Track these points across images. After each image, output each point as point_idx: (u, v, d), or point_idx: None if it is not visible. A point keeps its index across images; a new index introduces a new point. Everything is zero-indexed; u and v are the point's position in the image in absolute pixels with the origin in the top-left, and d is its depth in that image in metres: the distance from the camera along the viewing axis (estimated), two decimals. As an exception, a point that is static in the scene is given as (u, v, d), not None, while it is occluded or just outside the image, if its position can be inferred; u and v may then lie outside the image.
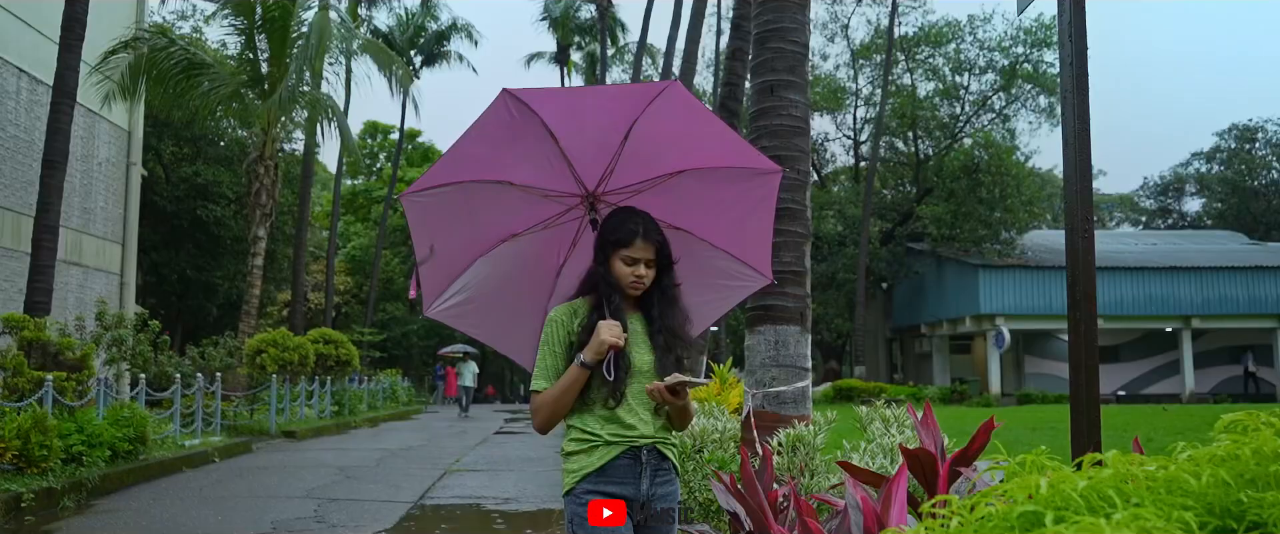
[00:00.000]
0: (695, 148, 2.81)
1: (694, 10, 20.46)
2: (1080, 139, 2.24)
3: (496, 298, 3.05)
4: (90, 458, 9.06)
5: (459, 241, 2.97)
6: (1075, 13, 2.27)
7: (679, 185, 2.85)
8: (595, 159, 2.76)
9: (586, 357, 2.51)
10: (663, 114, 2.64)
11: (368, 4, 37.95)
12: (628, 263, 2.59)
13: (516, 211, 2.90)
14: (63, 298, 17.35)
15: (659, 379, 2.56)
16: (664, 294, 2.65)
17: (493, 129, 2.66)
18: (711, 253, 2.99)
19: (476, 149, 2.73)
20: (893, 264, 36.86)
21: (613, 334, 2.48)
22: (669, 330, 2.63)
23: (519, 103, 2.61)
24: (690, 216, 2.90)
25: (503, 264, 2.99)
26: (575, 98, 2.92)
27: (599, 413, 2.57)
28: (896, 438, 4.34)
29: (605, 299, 2.60)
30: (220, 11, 20.02)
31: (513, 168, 2.79)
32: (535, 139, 2.68)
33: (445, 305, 3.03)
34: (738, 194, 2.90)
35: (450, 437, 17.23)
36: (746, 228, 2.99)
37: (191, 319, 29.96)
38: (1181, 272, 32.22)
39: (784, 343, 5.67)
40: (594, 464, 2.53)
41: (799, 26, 5.80)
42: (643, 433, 2.55)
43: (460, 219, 2.91)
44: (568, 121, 2.68)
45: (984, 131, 36.99)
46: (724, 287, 3.10)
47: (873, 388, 28.79)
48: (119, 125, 19.78)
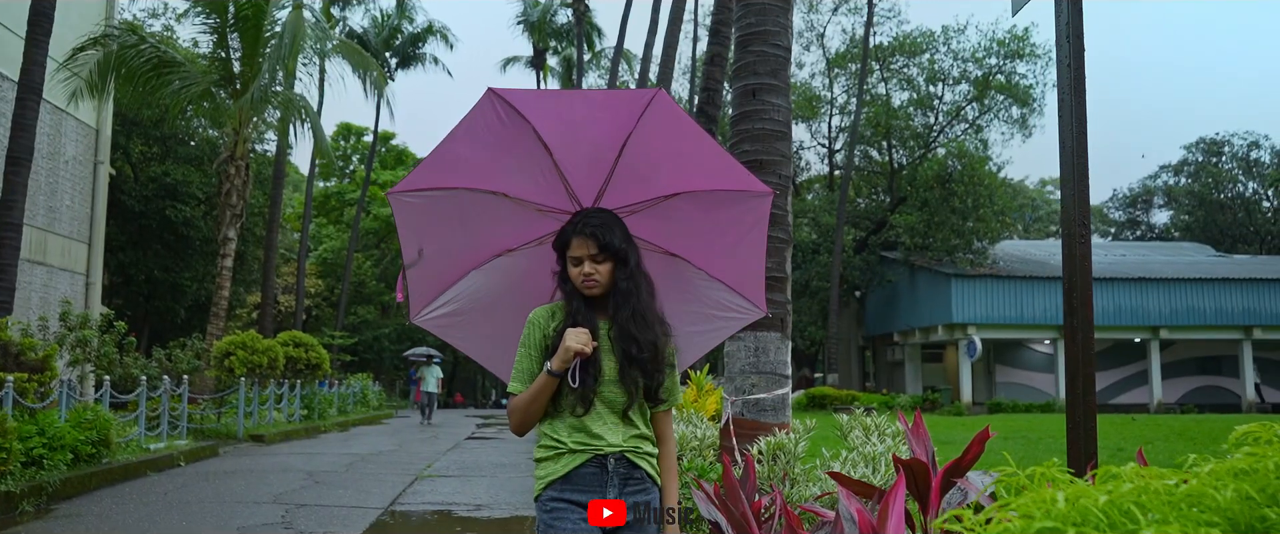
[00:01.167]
0: (689, 168, 2.74)
1: (671, 16, 20.46)
2: (1078, 142, 2.18)
3: (487, 313, 2.97)
4: (51, 461, 8.84)
5: (451, 250, 2.88)
6: (1073, 14, 2.22)
7: (674, 209, 2.78)
8: (589, 175, 2.69)
9: (553, 364, 2.46)
10: (654, 128, 2.57)
11: (342, 5, 37.69)
12: (574, 263, 2.55)
13: (511, 225, 2.83)
14: (26, 297, 17.01)
15: (619, 391, 2.50)
16: (617, 290, 2.54)
17: (482, 132, 2.58)
18: (707, 283, 2.92)
19: (466, 152, 2.65)
20: (866, 272, 37.03)
21: (578, 342, 2.42)
22: (622, 330, 2.52)
23: (506, 105, 2.53)
24: (685, 243, 2.83)
25: (496, 279, 2.92)
26: (564, 104, 2.82)
27: (567, 420, 2.52)
28: (878, 447, 4.29)
29: (568, 304, 2.55)
30: (192, 9, 19.75)
31: (507, 179, 2.71)
32: (528, 149, 2.60)
33: (433, 314, 2.96)
34: (732, 219, 2.84)
35: (422, 442, 17.05)
36: (741, 256, 2.93)
37: (159, 321, 29.52)
38: (1150, 283, 32.61)
39: (764, 349, 5.61)
40: (559, 471, 2.49)
41: (781, 30, 5.76)
42: (609, 442, 2.49)
43: (452, 226, 2.83)
44: (560, 132, 2.60)
45: (957, 141, 37.28)
46: (717, 318, 3.03)
47: (846, 396, 28.87)
48: (87, 123, 19.45)
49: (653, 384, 2.54)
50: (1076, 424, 2.15)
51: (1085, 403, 2.17)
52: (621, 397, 2.52)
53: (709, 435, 5.94)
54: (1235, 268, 34.76)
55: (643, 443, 2.55)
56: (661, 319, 2.63)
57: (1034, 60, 37.19)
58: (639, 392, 2.52)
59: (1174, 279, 32.83)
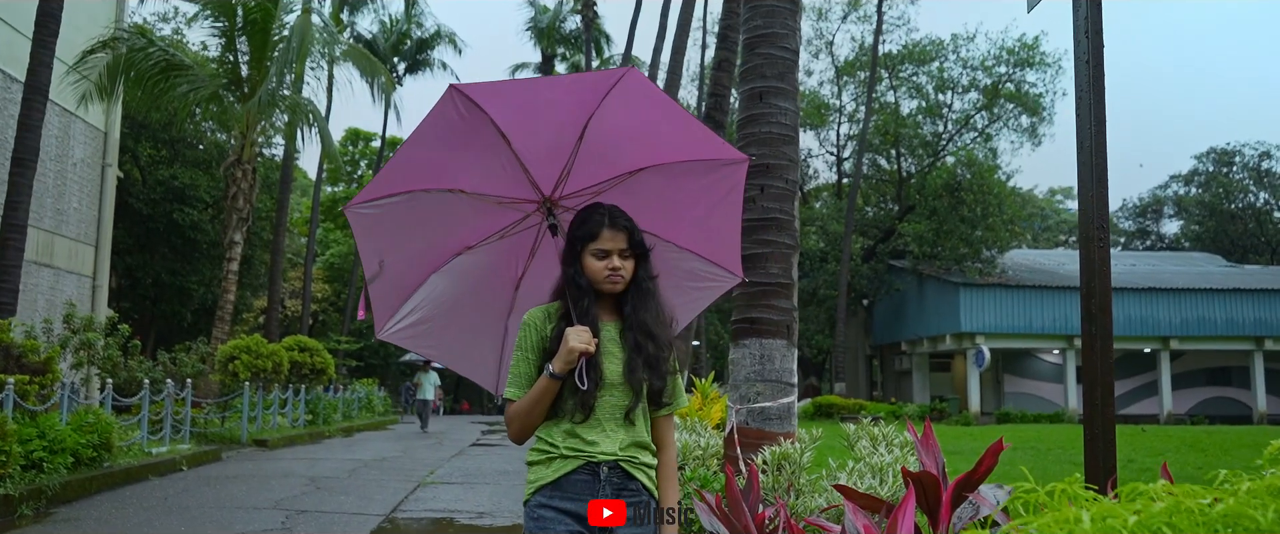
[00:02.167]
0: (656, 141, 2.62)
1: (679, 23, 20.41)
2: (1097, 142, 2.08)
3: (453, 315, 2.87)
4: (51, 464, 8.77)
5: (410, 256, 2.78)
6: (1092, 8, 2.12)
7: (640, 183, 2.67)
8: (550, 161, 2.59)
9: (555, 367, 2.34)
10: (620, 106, 2.46)
11: (351, 9, 37.73)
12: (599, 256, 2.42)
13: (469, 222, 2.72)
14: (32, 300, 17.00)
15: (626, 382, 2.40)
16: (639, 288, 2.45)
17: (441, 131, 2.48)
18: (677, 255, 2.81)
19: (423, 154, 2.55)
20: (874, 281, 36.88)
21: (581, 341, 2.30)
22: (641, 327, 2.42)
23: (467, 100, 2.42)
24: (652, 217, 2.70)
25: (458, 279, 2.81)
26: (527, 91, 2.70)
27: (564, 425, 2.41)
28: (885, 457, 4.19)
29: (573, 304, 2.42)
30: (202, 13, 19.76)
31: (463, 174, 2.60)
32: (486, 142, 2.50)
33: (399, 326, 2.85)
34: (703, 188, 2.72)
35: (426, 448, 16.96)
36: (713, 224, 2.81)
37: (165, 324, 29.52)
38: (1160, 293, 32.38)
39: (769, 357, 5.52)
40: (549, 477, 2.39)
41: (789, 32, 5.67)
42: (604, 450, 2.38)
43: (409, 232, 2.73)
44: (520, 121, 2.49)
45: (966, 150, 37.14)
46: (693, 289, 2.91)
47: (853, 405, 28.71)
48: (95, 126, 19.47)
49: (660, 385, 2.44)
50: (1095, 436, 2.04)
51: (1104, 414, 2.07)
52: (625, 399, 2.41)
53: (713, 444, 5.84)
54: (1246, 278, 34.51)
55: (640, 452, 2.44)
56: (669, 314, 2.54)
57: (1044, 69, 37.06)
58: (644, 393, 2.42)
59: (1184, 289, 32.61)
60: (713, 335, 37.66)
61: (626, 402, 2.41)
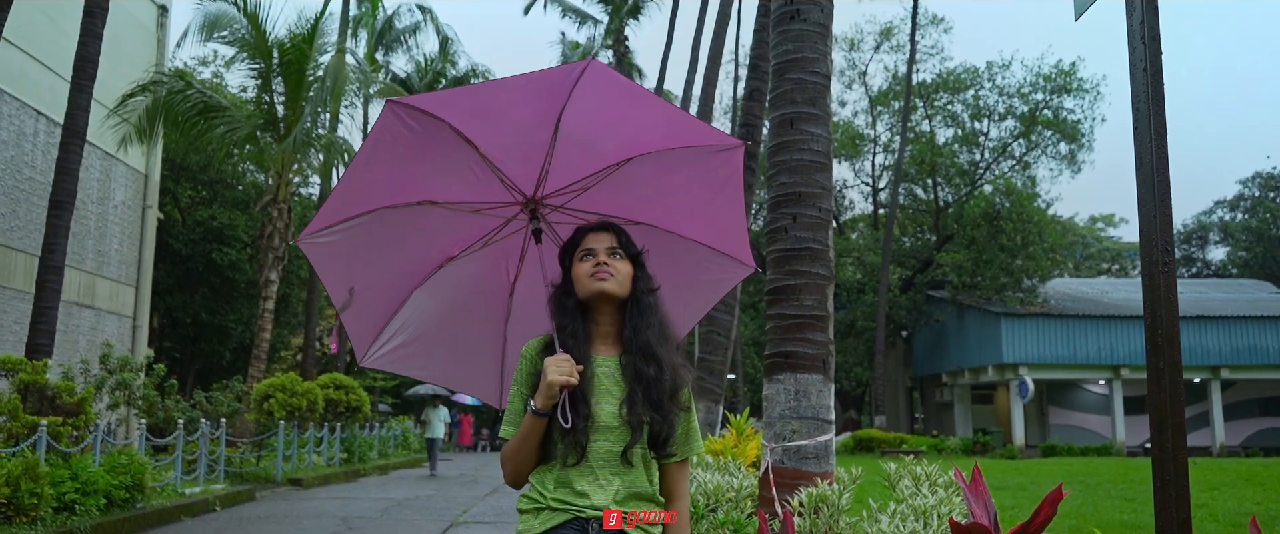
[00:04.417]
0: (640, 130, 2.40)
1: (710, 55, 20.35)
2: (1157, 157, 1.89)
3: (443, 331, 2.68)
4: (83, 506, 8.74)
5: (385, 277, 2.60)
6: (1148, 11, 1.94)
7: (629, 174, 2.43)
8: (526, 159, 2.39)
9: (537, 402, 2.09)
10: (590, 97, 2.26)
11: (385, 50, 38.26)
12: (585, 257, 2.19)
13: (447, 232, 2.54)
14: (73, 340, 17.18)
15: (625, 423, 2.10)
16: (637, 304, 2.19)
17: (391, 146, 2.30)
18: (682, 246, 2.56)
19: (376, 174, 2.37)
20: (913, 312, 36.37)
21: (560, 372, 2.04)
22: (643, 349, 2.14)
23: (413, 111, 2.25)
24: (649, 208, 2.48)
25: (444, 292, 2.62)
26: (480, 94, 2.52)
27: (556, 471, 2.15)
28: (929, 499, 3.97)
29: (557, 330, 2.18)
30: (239, 55, 20.07)
31: (431, 185, 2.41)
32: (447, 149, 2.31)
33: (384, 350, 2.67)
34: (699, 175, 2.48)
35: (460, 486, 16.83)
36: (716, 211, 2.56)
37: (204, 363, 29.77)
38: (1209, 321, 31.57)
39: (805, 393, 5.31)
40: (536, 529, 2.13)
41: (820, 57, 5.52)
42: (594, 502, 2.09)
43: (381, 252, 2.54)
44: (481, 124, 2.31)
45: (1004, 178, 36.67)
46: (702, 282, 2.67)
47: (893, 438, 28.18)
48: (136, 168, 19.77)
49: (664, 426, 2.14)
50: (1166, 483, 1.81)
51: (1176, 458, 1.84)
52: (622, 442, 2.13)
53: (748, 485, 5.62)
54: (1298, 305, 33.59)
55: (640, 505, 2.13)
56: (674, 334, 2.26)
57: (1081, 95, 36.60)
58: (644, 431, 2.13)
59: (1234, 317, 31.77)
60: (750, 369, 37.27)
61: (624, 441, 2.13)
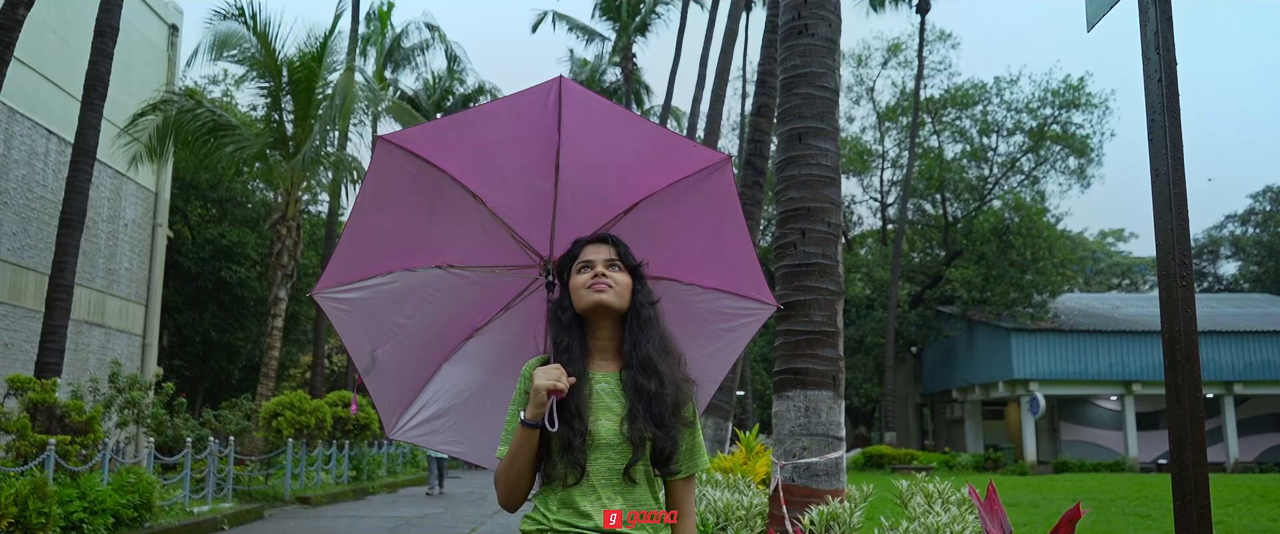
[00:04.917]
0: (633, 166, 2.33)
1: (718, 72, 20.39)
2: (1173, 168, 1.85)
3: (478, 405, 2.55)
4: (91, 525, 8.72)
5: (410, 348, 2.48)
6: (1161, 22, 1.91)
7: (637, 224, 2.38)
8: (534, 214, 2.32)
9: (527, 414, 2.03)
10: (577, 134, 2.19)
11: (394, 67, 38.42)
12: (583, 270, 2.15)
13: (470, 299, 2.44)
14: (83, 359, 17.21)
15: (626, 439, 2.04)
16: (637, 317, 2.14)
17: (395, 193, 2.23)
18: (704, 297, 2.50)
19: (386, 223, 2.29)
20: (922, 328, 36.22)
21: (549, 379, 2.00)
22: (644, 362, 2.08)
23: (408, 155, 2.17)
24: (664, 259, 2.41)
25: (476, 366, 2.52)
26: (464, 130, 2.40)
27: (558, 492, 2.09)
28: (941, 517, 3.92)
29: (553, 342, 2.14)
30: (248, 74, 20.16)
31: (443, 245, 2.33)
32: (455, 204, 2.24)
33: (413, 423, 2.57)
34: (702, 210, 2.42)
35: (468, 504, 16.75)
36: (726, 251, 2.49)
37: (214, 381, 29.81)
38: (1222, 336, 31.36)
39: (815, 409, 5.26)
40: None
41: (828, 71, 5.50)
42: (597, 524, 2.04)
43: (402, 319, 2.44)
44: (480, 172, 2.23)
45: (1013, 193, 36.57)
46: (727, 332, 2.59)
47: (904, 455, 28.02)
48: (146, 187, 19.87)
49: (667, 442, 2.08)
50: (1187, 501, 1.77)
51: (1197, 474, 1.79)
52: (622, 460, 2.08)
53: (758, 503, 5.57)
54: (1312, 320, 33.34)
55: (644, 526, 2.08)
56: (676, 350, 2.20)
57: (1090, 110, 36.53)
58: (646, 448, 2.08)
59: (1247, 332, 31.56)
60: (759, 385, 37.14)
61: (626, 458, 2.08)
